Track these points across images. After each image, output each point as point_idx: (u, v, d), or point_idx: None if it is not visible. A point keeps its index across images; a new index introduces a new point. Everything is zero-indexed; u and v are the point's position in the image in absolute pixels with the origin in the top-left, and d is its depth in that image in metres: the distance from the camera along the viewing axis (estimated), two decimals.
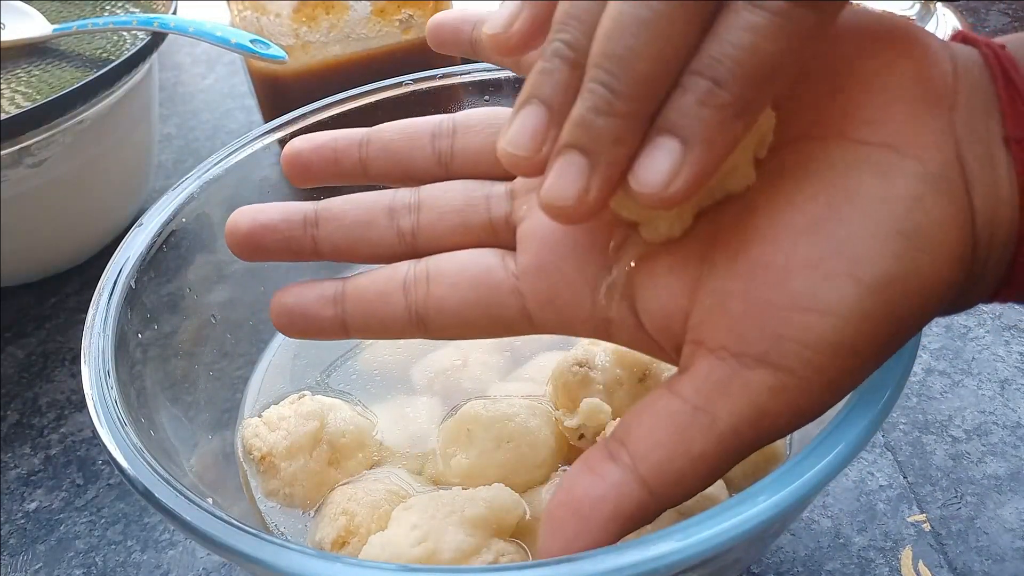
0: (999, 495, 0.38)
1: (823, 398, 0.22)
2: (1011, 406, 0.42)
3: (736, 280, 0.22)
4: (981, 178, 0.22)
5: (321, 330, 0.28)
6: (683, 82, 0.20)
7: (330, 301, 0.27)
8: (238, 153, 0.41)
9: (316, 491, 0.34)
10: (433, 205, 0.28)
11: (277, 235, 0.28)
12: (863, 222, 0.21)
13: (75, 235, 0.55)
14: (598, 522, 0.22)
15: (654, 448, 0.22)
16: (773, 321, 0.21)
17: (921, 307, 0.22)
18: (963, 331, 0.46)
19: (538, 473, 0.33)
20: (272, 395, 0.39)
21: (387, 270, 0.28)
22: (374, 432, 0.36)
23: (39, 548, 0.40)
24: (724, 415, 0.22)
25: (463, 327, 0.27)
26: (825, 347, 0.21)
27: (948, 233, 0.21)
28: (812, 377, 0.21)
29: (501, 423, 0.33)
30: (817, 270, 0.21)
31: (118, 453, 0.28)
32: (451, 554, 0.28)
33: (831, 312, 0.21)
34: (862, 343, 0.21)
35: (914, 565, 0.36)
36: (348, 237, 0.28)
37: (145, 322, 0.35)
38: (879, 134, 0.22)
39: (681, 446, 0.22)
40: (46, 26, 0.52)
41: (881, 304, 0.21)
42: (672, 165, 0.20)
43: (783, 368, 0.21)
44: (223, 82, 0.76)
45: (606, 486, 0.22)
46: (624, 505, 0.22)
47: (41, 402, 0.48)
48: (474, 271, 0.27)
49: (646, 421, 0.23)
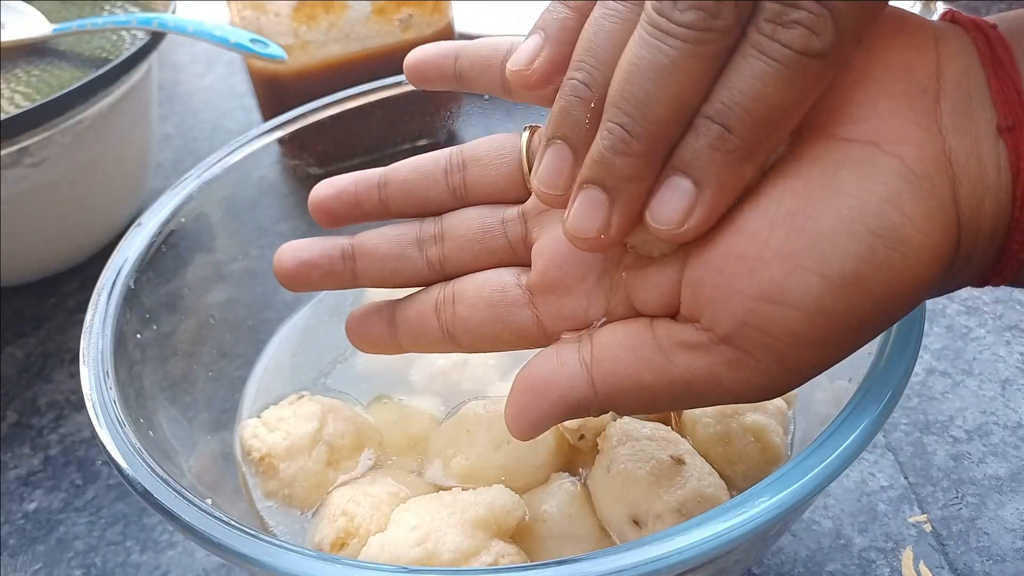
0: (1000, 495, 0.38)
1: (779, 381, 0.23)
2: (1012, 406, 0.42)
3: (710, 270, 0.23)
4: (967, 171, 0.22)
5: (383, 348, 0.31)
6: (696, 125, 0.22)
7: (385, 322, 0.31)
8: (237, 153, 0.41)
9: (315, 492, 0.34)
10: (454, 234, 0.30)
11: (320, 271, 0.30)
12: (836, 219, 0.21)
13: (74, 235, 0.55)
14: (546, 401, 0.25)
15: (612, 361, 0.25)
16: (740, 309, 0.22)
17: (890, 304, 0.22)
18: (964, 331, 0.46)
19: (538, 474, 0.33)
20: (271, 395, 0.39)
21: (423, 295, 0.30)
22: (373, 433, 0.36)
23: (38, 548, 0.40)
24: (680, 367, 0.24)
25: (490, 342, 0.29)
26: (787, 338, 0.22)
27: (925, 231, 0.21)
28: (771, 362, 0.22)
29: (501, 423, 0.33)
30: (787, 263, 0.22)
31: (117, 454, 0.27)
32: (451, 555, 0.28)
33: (795, 306, 0.22)
34: (822, 335, 0.22)
35: (915, 566, 0.36)
36: (383, 270, 0.31)
37: (144, 322, 0.35)
38: (863, 130, 0.22)
39: (633, 371, 0.24)
40: (46, 26, 0.52)
41: (846, 301, 0.21)
42: (687, 205, 0.22)
43: (743, 349, 0.23)
44: (222, 82, 0.76)
45: (562, 375, 0.25)
46: (570, 395, 0.25)
47: (40, 402, 0.48)
48: (490, 291, 0.28)
49: (618, 335, 0.25)
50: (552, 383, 0.25)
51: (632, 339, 0.25)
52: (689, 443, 0.32)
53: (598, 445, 0.32)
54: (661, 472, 0.29)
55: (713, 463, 0.31)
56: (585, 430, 0.33)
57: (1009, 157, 0.22)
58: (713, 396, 0.24)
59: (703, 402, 0.24)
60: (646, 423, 0.32)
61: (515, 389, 0.26)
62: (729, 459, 0.31)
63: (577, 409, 0.25)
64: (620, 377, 0.24)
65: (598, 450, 0.32)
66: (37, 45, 0.52)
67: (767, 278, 0.22)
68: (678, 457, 0.30)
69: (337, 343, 0.42)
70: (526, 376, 0.26)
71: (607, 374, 0.24)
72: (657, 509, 0.29)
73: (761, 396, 0.24)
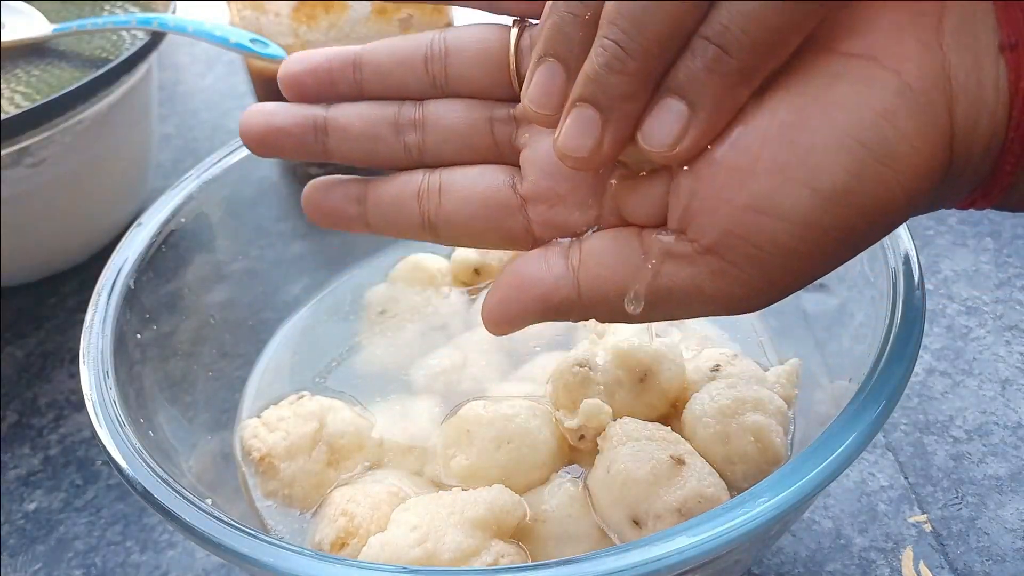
0: (1000, 495, 0.38)
1: (761, 292, 0.23)
2: (1012, 406, 0.42)
3: (700, 181, 0.23)
4: (966, 89, 0.22)
5: (349, 225, 0.29)
6: (692, 45, 0.21)
7: (354, 200, 0.29)
8: (237, 153, 0.41)
9: (315, 492, 0.34)
10: (437, 124, 0.29)
11: (290, 139, 0.28)
12: (829, 132, 0.21)
13: (74, 235, 0.55)
14: (528, 296, 0.25)
15: (599, 266, 0.25)
16: (727, 219, 0.22)
17: (878, 219, 0.22)
18: (964, 331, 0.46)
19: (538, 474, 0.33)
20: (271, 395, 0.39)
21: (403, 178, 0.29)
22: (373, 432, 0.36)
23: (39, 548, 0.40)
24: (665, 275, 0.24)
25: (473, 239, 0.28)
26: (773, 249, 0.22)
27: (917, 148, 0.21)
28: (754, 274, 0.23)
29: (501, 423, 0.33)
30: (777, 175, 0.22)
31: (117, 454, 0.27)
32: (451, 555, 0.28)
33: (783, 217, 0.22)
34: (808, 248, 0.22)
35: (915, 566, 0.36)
36: (357, 149, 0.29)
37: (144, 322, 0.35)
38: (863, 45, 0.22)
39: (618, 278, 0.24)
40: (46, 26, 0.52)
41: (834, 215, 0.21)
42: (680, 128, 0.22)
43: (728, 260, 0.23)
44: (222, 82, 0.76)
45: (548, 274, 0.25)
46: (554, 295, 0.25)
47: (40, 402, 0.48)
48: (483, 189, 0.27)
49: (607, 242, 0.25)
50: (537, 280, 0.25)
51: (620, 247, 0.25)
52: (689, 443, 0.32)
53: (598, 445, 0.32)
54: (661, 472, 0.29)
55: (713, 463, 0.31)
56: (585, 430, 0.33)
57: (1009, 76, 0.21)
58: (694, 306, 0.24)
59: (683, 312, 0.24)
60: (647, 423, 0.32)
61: (498, 283, 0.26)
62: (729, 459, 0.31)
63: (558, 310, 0.25)
64: (605, 282, 0.25)
65: (598, 450, 0.32)
66: (37, 45, 0.52)
67: (756, 189, 0.22)
68: (678, 457, 0.30)
69: (337, 343, 0.42)
70: (512, 271, 0.26)
71: (593, 279, 0.25)
72: (657, 509, 0.29)
73: (741, 307, 0.24)
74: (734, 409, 0.32)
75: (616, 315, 0.25)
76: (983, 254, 0.50)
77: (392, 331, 0.42)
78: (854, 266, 0.34)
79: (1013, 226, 0.52)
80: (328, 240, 0.46)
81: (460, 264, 0.43)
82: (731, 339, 0.39)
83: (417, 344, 0.40)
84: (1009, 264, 0.49)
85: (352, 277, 0.45)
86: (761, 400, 0.32)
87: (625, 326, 0.36)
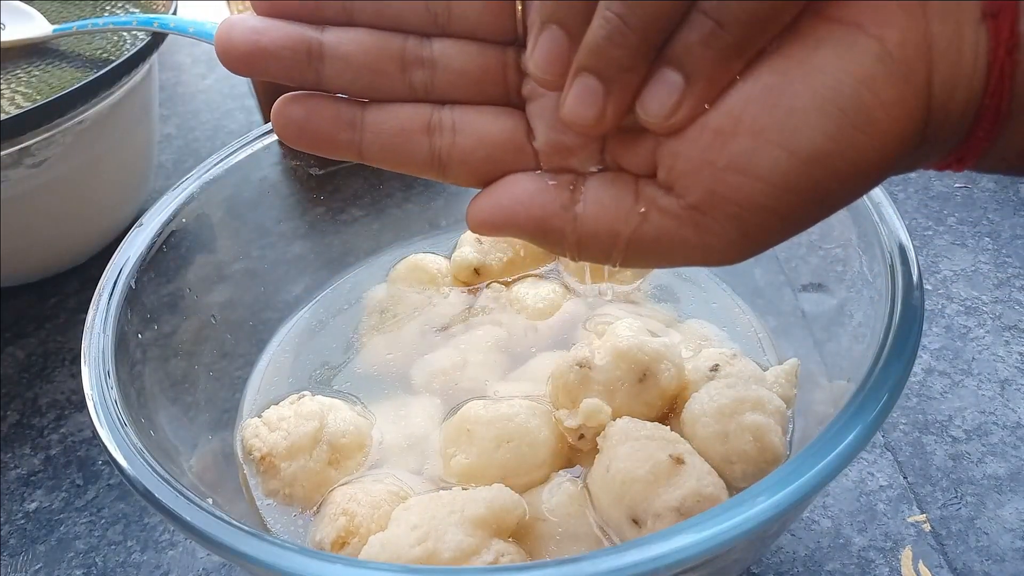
0: (999, 495, 0.38)
1: (739, 247, 0.24)
2: (1011, 406, 0.42)
3: (686, 143, 0.24)
4: (946, 57, 0.22)
5: (334, 149, 0.27)
6: (690, 18, 0.22)
7: (347, 124, 0.27)
8: (238, 153, 0.41)
9: (316, 491, 0.34)
10: (449, 65, 0.27)
11: (278, 63, 0.26)
12: (810, 97, 0.22)
13: (75, 235, 0.55)
14: (525, 213, 0.26)
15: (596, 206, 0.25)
16: (709, 179, 0.23)
17: (853, 182, 0.23)
18: (963, 331, 0.46)
19: (538, 473, 0.33)
20: (272, 395, 0.39)
21: (409, 109, 0.27)
22: (374, 432, 0.36)
23: (39, 548, 0.40)
24: (653, 225, 0.25)
25: (480, 179, 0.28)
26: (751, 208, 0.23)
27: (894, 115, 0.22)
28: (734, 230, 0.24)
29: (501, 423, 0.33)
30: (757, 138, 0.22)
31: (118, 453, 0.28)
32: (451, 554, 0.28)
33: (761, 178, 0.22)
34: (785, 208, 0.23)
35: (914, 565, 0.36)
36: (357, 81, 0.26)
37: (145, 322, 0.35)
38: (849, 11, 0.22)
39: (611, 221, 0.25)
40: (46, 26, 0.52)
41: (810, 177, 0.22)
42: (676, 99, 0.23)
43: (710, 217, 0.24)
44: (223, 82, 0.76)
45: (550, 200, 0.26)
46: (549, 221, 0.26)
47: (41, 402, 0.48)
48: (499, 132, 0.27)
49: (606, 185, 0.26)
50: (539, 202, 0.26)
51: (617, 193, 0.25)
52: (688, 443, 0.32)
53: (598, 444, 0.32)
54: (660, 471, 0.29)
55: (712, 462, 0.31)
56: (585, 430, 0.33)
57: (988, 44, 0.22)
58: (678, 256, 0.25)
59: (663, 260, 0.25)
60: (646, 423, 0.32)
61: (498, 188, 0.26)
62: (728, 458, 0.32)
63: (547, 234, 0.26)
64: (598, 221, 0.25)
65: (598, 449, 0.32)
66: (37, 45, 0.52)
67: (737, 151, 0.23)
68: (677, 456, 0.30)
69: (337, 343, 0.42)
70: (515, 181, 0.26)
71: (588, 217, 0.25)
72: (656, 508, 0.29)
73: (719, 260, 0.25)
74: (733, 409, 0.32)
75: (598, 254, 0.26)
76: (982, 254, 0.50)
77: (392, 331, 0.42)
78: (853, 266, 0.34)
79: (1012, 226, 0.52)
80: (328, 240, 0.46)
81: (460, 264, 0.43)
82: (730, 339, 0.39)
83: (417, 344, 0.40)
84: (1008, 264, 0.49)
85: (352, 277, 0.46)
86: (760, 400, 0.32)
87: (624, 326, 0.36)
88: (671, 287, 0.43)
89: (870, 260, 0.32)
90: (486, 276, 0.43)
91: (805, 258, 0.39)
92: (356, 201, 0.47)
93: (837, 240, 0.35)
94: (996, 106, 0.22)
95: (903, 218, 0.32)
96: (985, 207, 0.53)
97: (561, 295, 0.42)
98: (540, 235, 0.26)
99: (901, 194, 0.55)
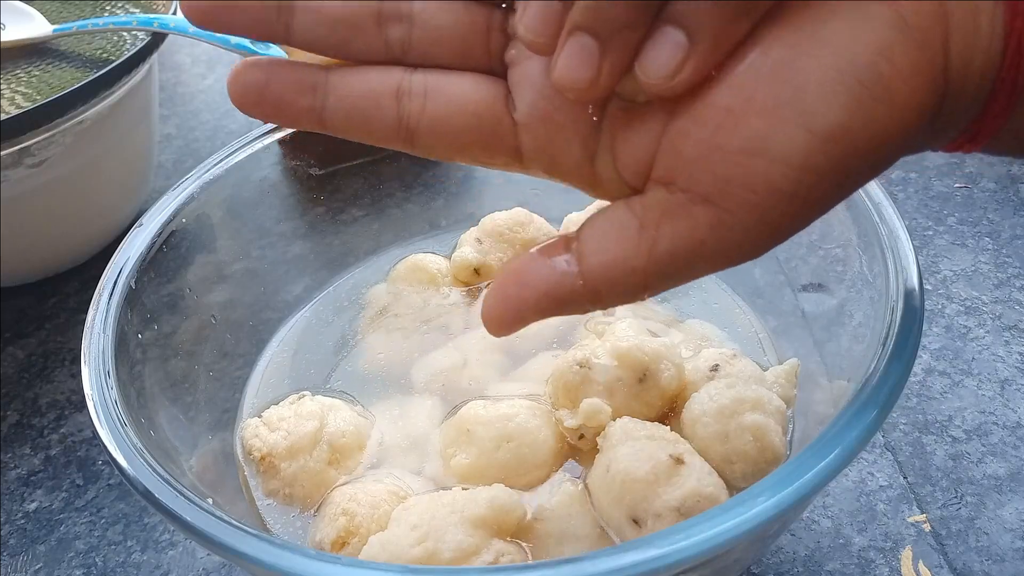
0: (999, 495, 0.38)
1: (761, 238, 0.22)
2: (1011, 406, 0.42)
3: (694, 123, 0.22)
4: (962, 25, 0.21)
5: (296, 119, 0.25)
6: None
7: (309, 89, 0.25)
8: (238, 153, 0.41)
9: (316, 491, 0.34)
10: (428, 22, 0.25)
11: (244, 15, 0.24)
12: (824, 70, 0.21)
13: (75, 235, 0.55)
14: (532, 292, 0.24)
15: (600, 252, 0.24)
16: (721, 164, 0.22)
17: (873, 158, 0.22)
18: (963, 331, 0.46)
19: (538, 473, 0.33)
20: (272, 395, 0.39)
21: (376, 73, 0.25)
22: (374, 432, 0.36)
23: (39, 548, 0.40)
24: (665, 238, 0.23)
25: (452, 150, 0.26)
26: (768, 192, 0.21)
27: (912, 84, 0.21)
28: (751, 218, 0.22)
29: (501, 423, 0.33)
30: (771, 116, 0.21)
31: (118, 453, 0.28)
32: (451, 554, 0.28)
33: (778, 159, 0.21)
34: (806, 191, 0.21)
35: (914, 565, 0.36)
36: (329, 37, 0.25)
37: (145, 322, 0.35)
38: None
39: (622, 257, 0.23)
40: (46, 26, 0.52)
41: (830, 155, 0.21)
42: (679, 59, 0.21)
43: (724, 208, 0.22)
44: (223, 82, 0.76)
45: (551, 269, 0.24)
46: (559, 288, 0.24)
47: (41, 402, 0.48)
48: (477, 99, 0.25)
49: (600, 226, 0.24)
50: (540, 276, 0.24)
51: (616, 226, 0.24)
52: (688, 443, 0.32)
53: (598, 444, 0.32)
54: (660, 471, 0.29)
55: (712, 462, 0.31)
56: (585, 430, 0.33)
57: (1004, 16, 0.21)
58: (699, 264, 0.23)
59: (691, 272, 0.24)
60: (646, 423, 0.32)
61: (499, 280, 0.25)
62: (728, 458, 0.32)
63: (564, 302, 0.24)
64: (609, 266, 0.24)
65: (598, 449, 0.32)
66: (38, 45, 0.52)
67: (750, 132, 0.21)
68: (677, 456, 0.30)
69: (337, 343, 0.42)
70: (514, 270, 0.25)
71: (598, 267, 0.24)
72: (656, 508, 0.29)
73: (743, 256, 0.23)
74: (733, 409, 0.32)
75: (625, 296, 0.24)
76: (982, 254, 0.50)
77: (392, 331, 0.42)
78: (853, 266, 0.34)
79: (1012, 226, 0.52)
80: (328, 240, 0.46)
81: (460, 264, 0.43)
82: (730, 339, 0.39)
83: (417, 344, 0.40)
84: (1008, 264, 0.49)
85: (352, 277, 0.46)
86: (760, 400, 0.32)
87: (624, 326, 0.36)
88: None
89: (870, 260, 0.32)
90: (486, 276, 0.43)
91: (805, 258, 0.39)
92: (356, 201, 0.47)
93: (837, 240, 0.35)
94: (1013, 79, 0.21)
95: (903, 218, 0.32)
96: (985, 207, 0.53)
97: None
98: (556, 307, 0.25)
99: (901, 194, 0.55)
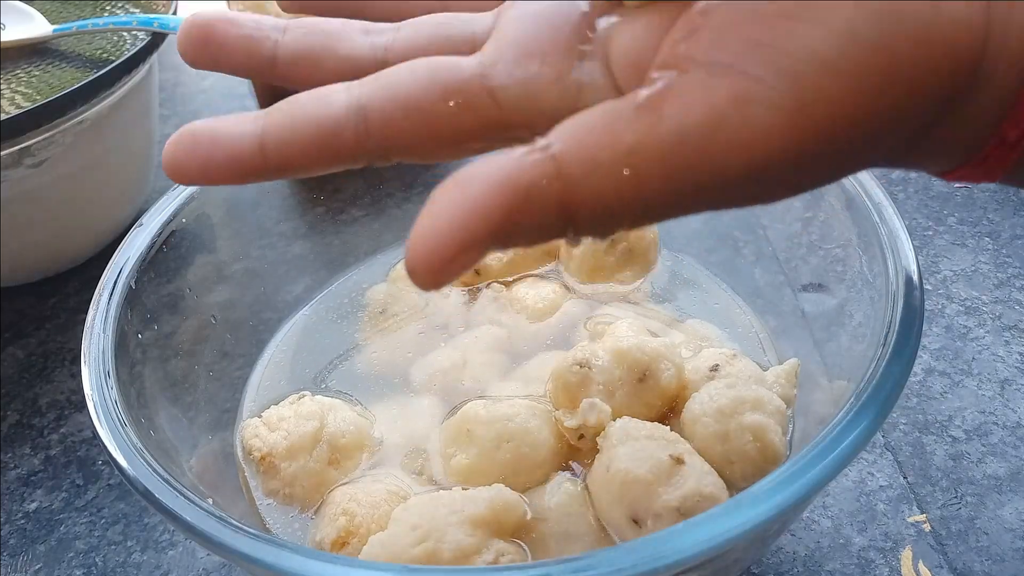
0: (999, 495, 0.38)
1: (790, 126, 0.18)
2: (1011, 406, 0.42)
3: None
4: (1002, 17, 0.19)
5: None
6: None
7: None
8: None
9: (316, 491, 0.34)
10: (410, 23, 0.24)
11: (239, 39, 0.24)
12: None
13: (75, 235, 0.55)
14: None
15: (579, 132, 0.18)
16: (753, 28, 0.18)
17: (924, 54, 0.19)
18: (963, 331, 0.46)
19: (538, 473, 0.33)
20: (272, 395, 0.39)
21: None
22: (374, 432, 0.36)
23: (39, 548, 0.40)
24: (673, 115, 0.18)
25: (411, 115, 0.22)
26: (806, 56, 0.18)
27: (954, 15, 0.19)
28: (786, 92, 0.18)
29: (501, 423, 0.33)
30: None
31: (118, 453, 0.28)
32: (451, 554, 0.28)
33: (821, 22, 0.18)
34: (849, 66, 0.18)
35: (914, 565, 0.36)
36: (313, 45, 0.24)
37: (145, 322, 0.35)
38: None
39: (609, 137, 0.18)
40: (46, 26, 0.52)
41: (878, 27, 0.18)
42: None
43: (752, 76, 0.18)
44: (223, 82, 0.76)
45: (512, 159, 0.18)
46: (521, 174, 0.18)
47: (41, 402, 0.48)
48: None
49: (582, 115, 0.19)
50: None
51: (602, 112, 0.19)
52: (688, 443, 0.32)
53: (598, 444, 0.32)
54: (660, 471, 0.29)
55: (712, 462, 0.31)
56: (585, 430, 0.33)
57: None
58: (717, 156, 0.18)
59: (705, 169, 0.18)
60: (646, 423, 0.32)
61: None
62: (728, 458, 0.32)
63: (528, 201, 0.18)
64: (592, 146, 0.18)
65: (598, 449, 0.32)
66: (37, 45, 0.52)
67: None
68: (677, 456, 0.30)
69: (337, 343, 0.42)
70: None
71: (575, 145, 0.18)
72: (656, 508, 0.29)
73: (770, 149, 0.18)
74: (733, 409, 0.32)
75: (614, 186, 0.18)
76: (982, 254, 0.50)
77: (392, 331, 0.42)
78: (853, 266, 0.34)
79: (1012, 226, 0.52)
80: (328, 240, 0.46)
81: None
82: (730, 339, 0.39)
83: (417, 344, 0.40)
84: (1008, 264, 0.49)
85: (352, 277, 0.46)
86: (760, 400, 0.32)
87: (624, 326, 0.36)
88: (671, 287, 0.43)
89: (870, 260, 0.32)
90: (486, 276, 0.43)
91: (805, 258, 0.39)
92: (356, 201, 0.47)
93: (837, 240, 0.35)
94: None
95: (903, 218, 0.32)
96: (985, 207, 0.53)
97: (561, 295, 0.42)
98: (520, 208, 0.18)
99: (901, 194, 0.55)
